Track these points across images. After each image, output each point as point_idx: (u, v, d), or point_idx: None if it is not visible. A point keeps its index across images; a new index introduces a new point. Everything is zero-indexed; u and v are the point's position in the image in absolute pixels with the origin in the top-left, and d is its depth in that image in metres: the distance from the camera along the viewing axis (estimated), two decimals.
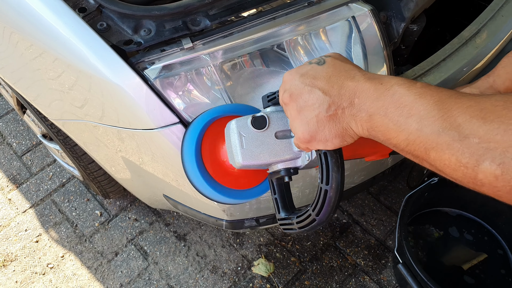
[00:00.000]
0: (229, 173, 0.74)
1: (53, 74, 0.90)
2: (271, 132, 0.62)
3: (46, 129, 1.19)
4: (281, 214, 0.65)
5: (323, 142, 0.50)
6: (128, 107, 0.83)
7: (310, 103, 0.49)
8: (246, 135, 0.63)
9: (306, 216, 0.57)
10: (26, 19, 0.84)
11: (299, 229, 0.59)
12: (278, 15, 0.83)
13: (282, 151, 0.62)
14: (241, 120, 0.64)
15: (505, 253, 1.34)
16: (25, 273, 1.44)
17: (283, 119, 0.63)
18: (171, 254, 1.46)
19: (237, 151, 0.63)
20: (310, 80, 0.50)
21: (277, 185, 0.66)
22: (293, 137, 0.61)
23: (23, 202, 1.61)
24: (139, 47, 0.81)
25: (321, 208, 0.54)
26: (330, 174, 0.52)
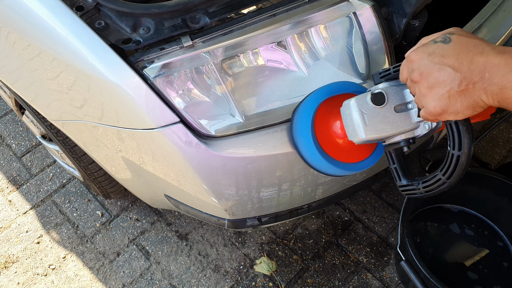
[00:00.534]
0: (341, 148, 0.81)
1: (51, 74, 0.89)
2: (390, 107, 0.67)
3: (45, 130, 1.18)
4: (403, 181, 0.72)
5: (455, 114, 0.54)
6: (128, 107, 0.82)
7: (441, 80, 0.52)
8: (367, 112, 0.67)
9: (435, 181, 0.63)
10: (23, 18, 0.83)
11: (425, 192, 0.66)
12: (278, 12, 0.82)
13: (402, 123, 0.67)
14: (359, 98, 0.68)
15: (505, 245, 1.34)
16: (27, 274, 1.43)
17: (399, 93, 0.67)
18: (173, 254, 1.45)
19: (360, 128, 0.68)
20: (439, 58, 0.53)
21: (395, 155, 0.72)
22: (411, 109, 0.66)
23: (24, 204, 1.60)
24: (138, 46, 0.80)
25: (452, 172, 0.60)
26: (462, 140, 0.58)
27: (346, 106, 0.71)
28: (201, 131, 0.85)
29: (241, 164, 0.87)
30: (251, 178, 0.91)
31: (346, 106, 0.71)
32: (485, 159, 1.61)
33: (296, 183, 0.95)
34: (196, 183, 0.92)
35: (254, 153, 0.86)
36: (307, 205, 1.06)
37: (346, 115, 0.71)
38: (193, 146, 0.84)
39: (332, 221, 1.50)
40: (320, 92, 0.81)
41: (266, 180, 0.92)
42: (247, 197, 0.96)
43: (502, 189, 1.25)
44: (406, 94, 0.67)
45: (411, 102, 0.66)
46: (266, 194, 0.96)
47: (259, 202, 0.98)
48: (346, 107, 0.71)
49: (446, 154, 0.60)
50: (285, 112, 0.89)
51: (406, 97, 0.67)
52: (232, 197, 0.95)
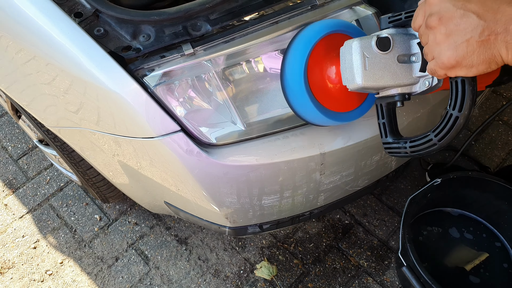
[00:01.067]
0: (332, 95, 0.75)
1: (47, 78, 0.88)
2: (393, 55, 0.62)
3: (42, 135, 1.16)
4: (388, 138, 0.68)
5: (468, 68, 0.50)
6: (128, 116, 0.81)
7: (462, 27, 0.49)
8: (369, 56, 0.63)
9: (425, 141, 0.60)
10: (20, 24, 0.81)
11: (411, 153, 0.63)
12: (280, 19, 0.81)
13: (402, 75, 0.63)
14: (364, 39, 0.63)
15: (503, 245, 1.34)
16: (23, 280, 1.42)
17: (405, 43, 0.63)
18: (172, 258, 1.44)
19: (359, 72, 0.63)
20: (463, 2, 0.49)
21: (386, 109, 0.68)
22: (414, 62, 0.63)
23: (20, 208, 1.58)
24: (138, 54, 0.78)
25: (446, 133, 0.57)
26: (465, 101, 0.55)
27: (347, 46, 0.65)
28: (202, 139, 0.84)
29: (243, 173, 0.86)
30: (252, 186, 0.90)
31: (347, 46, 0.65)
32: (484, 162, 1.61)
33: (298, 191, 0.94)
34: (197, 191, 0.91)
35: (256, 161, 0.85)
36: (309, 212, 1.05)
37: (345, 56, 0.66)
38: (194, 155, 0.82)
39: (332, 224, 1.49)
40: (319, 26, 0.73)
41: (268, 188, 0.91)
42: (248, 205, 0.95)
43: (502, 193, 1.25)
44: (413, 45, 0.63)
45: (416, 54, 0.63)
46: (268, 202, 0.95)
47: (260, 210, 0.97)
48: (347, 48, 0.65)
49: (444, 114, 0.58)
50: (287, 119, 0.88)
51: (412, 48, 0.63)
52: (233, 205, 0.94)
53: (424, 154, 0.63)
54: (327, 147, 0.88)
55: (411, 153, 0.63)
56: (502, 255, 1.33)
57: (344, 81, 0.68)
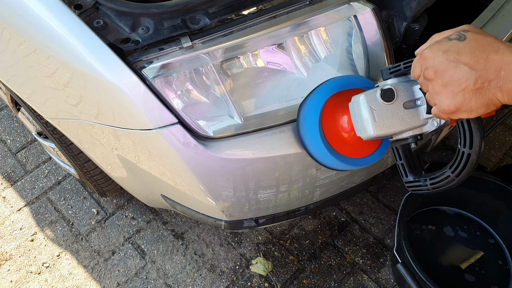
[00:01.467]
0: (347, 143, 0.81)
1: (47, 71, 0.88)
2: (399, 103, 0.67)
3: (41, 127, 1.17)
4: (409, 177, 0.72)
5: (468, 112, 0.54)
6: (126, 107, 0.82)
7: (456, 78, 0.52)
8: (376, 108, 0.67)
9: (443, 178, 0.65)
10: (20, 16, 0.82)
11: (433, 189, 0.67)
12: (279, 14, 0.82)
13: (411, 120, 0.67)
14: (369, 94, 0.68)
15: (497, 243, 1.35)
16: (20, 272, 1.42)
17: (408, 90, 0.67)
18: (168, 253, 1.45)
19: (369, 124, 0.68)
20: (454, 56, 0.52)
21: (402, 151, 0.73)
22: (419, 106, 0.67)
23: (18, 200, 1.59)
24: (137, 46, 0.79)
25: (462, 170, 0.61)
26: (474, 139, 0.59)
27: (355, 102, 0.70)
28: (199, 132, 0.85)
29: (239, 166, 0.87)
30: (249, 180, 0.90)
31: (355, 102, 0.70)
32: (481, 162, 1.62)
33: (294, 185, 0.95)
34: (193, 184, 0.92)
35: (252, 155, 0.86)
36: (305, 207, 1.06)
37: (355, 111, 0.71)
38: (191, 147, 0.83)
39: (328, 222, 1.50)
40: (329, 86, 0.80)
41: (264, 182, 0.92)
42: (244, 199, 0.95)
43: (498, 192, 1.26)
44: (415, 90, 0.67)
45: (420, 98, 0.66)
46: (264, 196, 0.96)
47: (256, 204, 0.98)
48: (355, 103, 0.70)
49: (456, 152, 0.61)
50: (284, 113, 0.88)
51: (415, 93, 0.67)
52: (229, 199, 0.95)
53: (444, 190, 0.66)
54: None
55: (433, 189, 0.68)
56: (496, 253, 1.34)
57: (357, 132, 0.72)
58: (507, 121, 1.73)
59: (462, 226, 1.39)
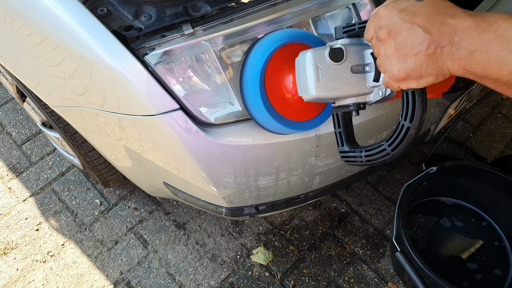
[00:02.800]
0: (290, 104, 0.75)
1: (54, 61, 0.90)
2: (347, 66, 0.63)
3: (46, 116, 1.19)
4: (345, 147, 0.69)
5: (417, 80, 0.51)
6: (129, 93, 0.83)
7: (410, 40, 0.49)
8: (322, 67, 0.63)
9: (379, 150, 0.61)
10: (27, 5, 0.84)
11: (366, 162, 0.64)
12: (279, 2, 0.83)
13: (356, 85, 0.63)
14: (317, 50, 0.64)
15: (495, 231, 1.36)
16: (26, 261, 1.45)
17: (359, 53, 0.63)
18: (170, 243, 1.47)
19: (312, 83, 0.64)
20: (410, 16, 0.50)
21: (342, 119, 0.69)
22: (367, 72, 0.63)
23: (23, 191, 1.61)
24: (140, 33, 0.81)
25: (399, 143, 0.58)
26: (416, 112, 0.56)
27: (301, 57, 0.66)
28: (200, 119, 0.86)
29: (240, 152, 0.88)
30: (249, 166, 0.92)
31: (301, 57, 0.66)
32: (482, 153, 1.62)
33: (293, 172, 0.97)
34: (195, 171, 0.93)
35: (252, 141, 0.87)
36: (304, 195, 1.07)
37: (300, 67, 0.67)
38: (192, 133, 0.85)
39: (328, 212, 1.51)
40: (276, 36, 0.74)
41: (264, 169, 0.93)
42: (244, 185, 0.97)
43: (497, 182, 1.27)
44: (366, 55, 0.63)
45: (370, 64, 0.63)
46: (264, 183, 0.98)
47: (256, 191, 1.00)
48: (301, 59, 0.66)
49: (396, 125, 0.59)
50: None
51: (365, 58, 0.63)
52: (230, 185, 0.96)
53: (378, 163, 0.63)
54: (323, 129, 0.90)
55: (367, 162, 0.64)
56: (489, 233, 1.36)
57: (299, 92, 0.68)
58: (508, 113, 1.73)
59: (462, 217, 1.40)
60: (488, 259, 1.33)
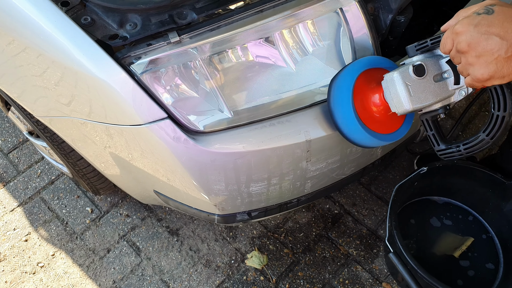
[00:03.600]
0: (376, 120, 0.86)
1: (37, 70, 0.88)
2: (429, 77, 0.74)
3: (32, 126, 1.17)
4: (441, 146, 0.80)
5: (501, 79, 0.60)
6: (115, 103, 0.82)
7: (488, 48, 0.58)
8: (411, 84, 0.74)
9: (478, 141, 0.72)
10: (7, 13, 0.82)
11: (467, 154, 0.75)
12: (265, 8, 0.82)
13: (441, 91, 0.74)
14: (402, 71, 0.74)
15: (485, 229, 1.39)
16: (15, 273, 1.42)
17: (436, 64, 0.74)
18: (164, 249, 1.46)
19: (406, 99, 0.74)
20: (485, 28, 0.58)
21: (431, 122, 0.80)
22: (447, 78, 0.74)
23: (11, 201, 1.58)
24: (125, 42, 0.79)
25: (496, 132, 0.69)
26: (508, 102, 0.66)
27: (389, 79, 0.76)
28: (189, 127, 0.85)
29: (230, 160, 0.87)
30: (240, 173, 0.91)
31: (389, 79, 0.76)
32: None
33: (285, 178, 0.96)
34: (185, 179, 0.92)
35: (243, 148, 0.87)
36: (296, 199, 1.07)
37: (389, 88, 0.76)
38: (181, 142, 0.84)
39: (322, 214, 1.51)
40: (358, 64, 0.85)
41: (255, 175, 0.93)
42: (236, 192, 0.96)
43: (486, 180, 1.28)
44: (442, 64, 0.74)
45: (447, 71, 0.73)
46: (256, 189, 0.97)
47: (248, 197, 0.99)
48: (389, 80, 0.76)
49: (490, 116, 0.69)
50: (274, 107, 0.89)
51: (442, 67, 0.74)
52: (221, 192, 0.95)
53: (479, 152, 0.74)
54: (313, 134, 0.89)
55: (467, 153, 0.75)
56: (476, 226, 1.38)
57: (392, 108, 0.78)
58: None
59: (452, 216, 1.41)
60: (479, 254, 1.34)
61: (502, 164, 1.28)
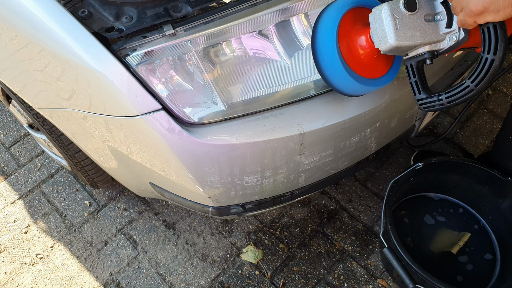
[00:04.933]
0: (364, 63, 0.80)
1: (39, 65, 0.90)
2: (420, 15, 0.69)
3: (31, 118, 1.18)
4: (422, 94, 0.74)
5: (495, 13, 0.56)
6: (112, 94, 0.83)
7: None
8: (399, 17, 0.69)
9: (461, 89, 0.66)
10: (8, 8, 0.83)
11: (448, 103, 0.69)
12: (259, 1, 0.83)
13: (430, 33, 0.69)
14: (392, 3, 0.70)
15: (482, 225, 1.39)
16: (14, 263, 1.44)
17: (429, 3, 0.70)
18: (160, 243, 1.47)
19: (391, 32, 0.69)
20: None
21: (416, 68, 0.74)
22: (439, 20, 0.69)
23: (12, 194, 1.60)
24: (121, 34, 0.81)
25: (483, 77, 0.62)
26: (499, 43, 0.60)
27: (377, 12, 0.72)
28: (183, 119, 0.87)
29: (224, 151, 0.89)
30: (234, 165, 0.92)
31: (377, 10, 0.72)
32: (469, 149, 1.64)
33: (278, 171, 0.97)
34: (180, 170, 0.94)
35: (236, 140, 0.88)
36: (290, 193, 1.08)
37: (376, 20, 0.72)
38: (175, 133, 0.85)
39: (318, 210, 1.52)
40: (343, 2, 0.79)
41: (249, 167, 0.94)
42: (230, 184, 0.97)
43: (482, 177, 1.28)
44: (436, 4, 0.70)
45: (441, 13, 0.70)
46: (249, 181, 0.98)
47: (242, 189, 1.00)
48: (377, 12, 0.72)
49: (478, 60, 0.62)
50: (268, 100, 0.90)
51: (436, 7, 0.70)
52: (215, 184, 0.97)
53: (461, 102, 0.67)
54: (306, 127, 0.90)
55: (448, 103, 0.69)
56: (483, 235, 1.38)
57: (376, 44, 0.73)
58: (494, 109, 1.75)
59: (447, 211, 1.42)
60: (476, 247, 1.35)
61: (498, 161, 1.28)
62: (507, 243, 1.30)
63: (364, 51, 0.79)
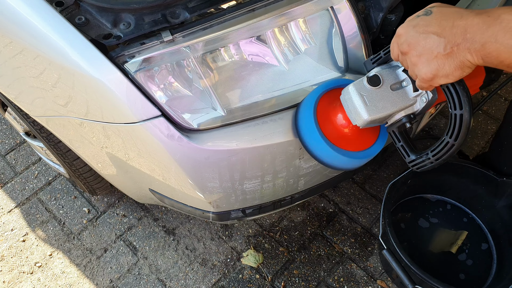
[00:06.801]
0: (347, 138, 0.84)
1: (34, 71, 0.89)
2: (386, 87, 0.73)
3: (28, 126, 1.18)
4: (411, 156, 0.76)
5: (445, 77, 0.59)
6: (110, 102, 0.83)
7: (428, 47, 0.58)
8: (366, 94, 0.73)
9: (442, 146, 0.67)
10: (3, 15, 0.83)
11: (435, 160, 0.70)
12: (257, 7, 0.84)
13: (400, 100, 0.73)
14: (356, 83, 0.74)
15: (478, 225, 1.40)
16: (13, 273, 1.43)
17: (392, 74, 0.74)
18: (160, 249, 1.47)
19: (362, 109, 0.73)
20: (423, 28, 0.59)
21: (399, 133, 0.77)
22: (405, 86, 0.73)
23: (8, 202, 1.59)
24: (119, 41, 0.81)
25: (458, 132, 0.64)
26: (462, 99, 0.62)
27: (345, 92, 0.76)
28: (183, 125, 0.86)
29: (224, 157, 0.89)
30: (234, 171, 0.92)
31: (345, 92, 0.76)
32: (464, 150, 1.65)
33: (278, 175, 0.97)
34: (180, 177, 0.94)
35: (236, 145, 0.88)
36: (290, 197, 1.08)
37: (346, 100, 0.76)
38: (175, 140, 0.85)
39: (317, 213, 1.52)
40: (318, 88, 0.85)
41: (249, 172, 0.94)
42: (230, 190, 0.97)
43: (478, 178, 1.29)
44: (399, 73, 0.74)
45: (405, 79, 0.73)
46: (250, 186, 0.98)
47: (242, 194, 1.00)
48: (345, 93, 0.76)
49: (449, 117, 0.65)
50: (267, 105, 0.90)
51: (399, 76, 0.73)
52: (216, 190, 0.97)
53: (447, 158, 0.69)
54: None
55: (436, 161, 0.70)
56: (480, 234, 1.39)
57: (353, 121, 0.77)
58: (489, 110, 1.77)
59: (444, 212, 1.43)
60: (476, 248, 1.36)
61: (493, 162, 1.29)
62: (503, 242, 1.31)
63: (348, 128, 0.83)
